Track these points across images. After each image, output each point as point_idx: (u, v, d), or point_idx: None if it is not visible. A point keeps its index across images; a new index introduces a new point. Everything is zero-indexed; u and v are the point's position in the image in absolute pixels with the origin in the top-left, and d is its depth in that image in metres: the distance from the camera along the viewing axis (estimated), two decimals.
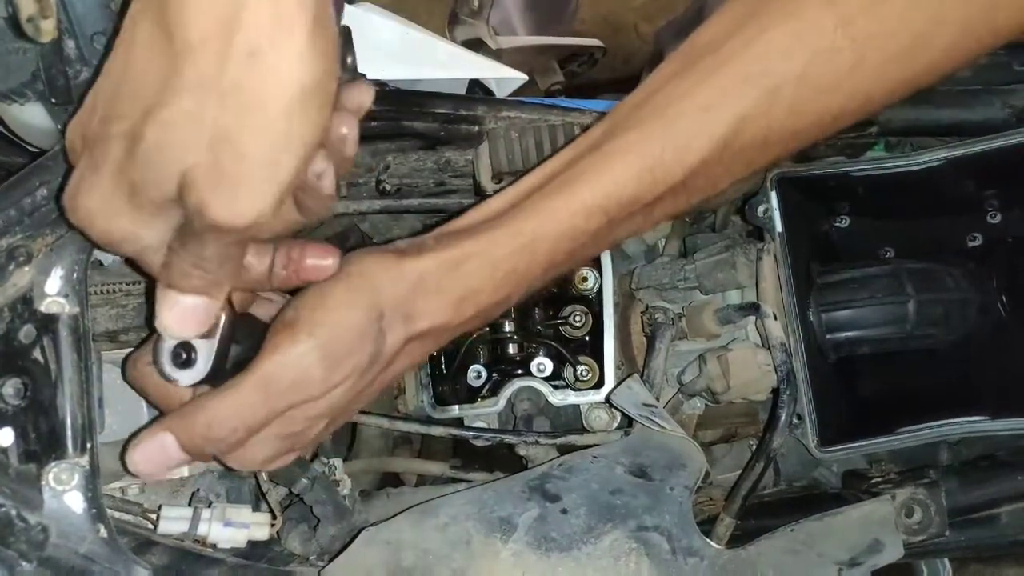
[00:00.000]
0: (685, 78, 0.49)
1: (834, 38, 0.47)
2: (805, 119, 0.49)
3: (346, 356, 0.46)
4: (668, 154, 0.48)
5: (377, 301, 0.47)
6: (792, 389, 0.67)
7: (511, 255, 0.49)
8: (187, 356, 0.47)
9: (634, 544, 0.61)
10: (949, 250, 0.76)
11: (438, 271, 0.48)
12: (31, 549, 0.48)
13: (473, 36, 1.16)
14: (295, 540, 0.63)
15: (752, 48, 0.48)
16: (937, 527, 0.67)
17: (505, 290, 0.50)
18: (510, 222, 0.49)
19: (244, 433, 0.46)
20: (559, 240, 0.49)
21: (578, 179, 0.49)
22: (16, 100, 0.54)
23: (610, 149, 0.49)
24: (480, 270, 0.48)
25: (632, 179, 0.49)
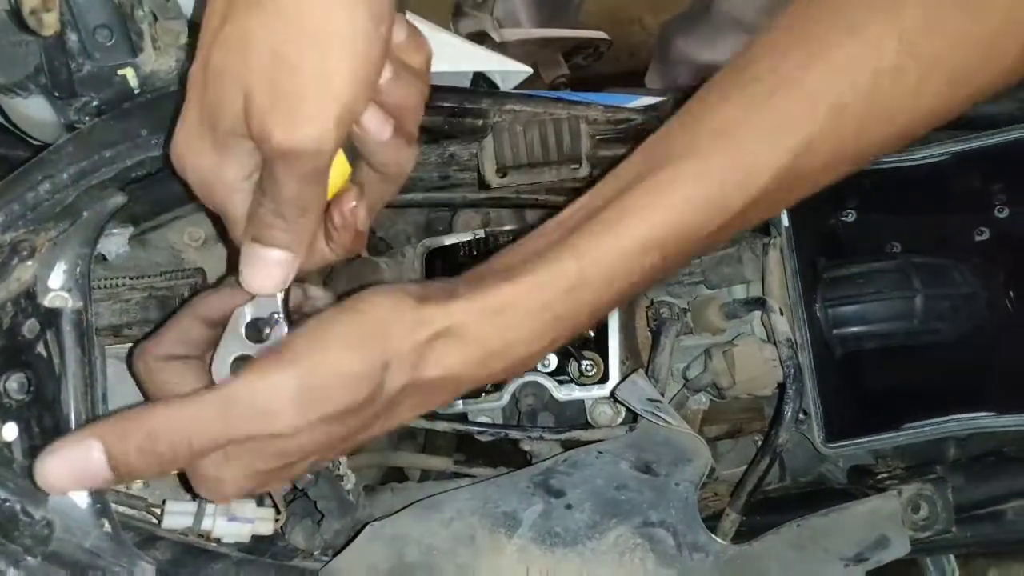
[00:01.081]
0: (742, 100, 0.45)
1: (898, 57, 0.44)
2: (870, 139, 0.46)
3: (325, 400, 0.41)
4: (729, 185, 0.44)
5: (384, 346, 0.42)
6: (798, 384, 0.66)
7: (553, 302, 0.44)
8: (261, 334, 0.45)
9: (639, 540, 0.61)
10: (956, 245, 0.76)
11: (470, 319, 0.43)
12: (36, 544, 0.48)
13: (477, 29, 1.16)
14: (299, 535, 0.63)
15: (815, 66, 0.44)
16: (943, 523, 0.67)
17: (545, 340, 0.45)
18: (553, 263, 0.44)
19: (187, 453, 0.41)
20: (610, 281, 0.44)
21: (629, 213, 0.44)
22: (19, 93, 0.54)
23: (664, 179, 0.45)
24: (519, 321, 0.44)
25: (690, 211, 0.44)
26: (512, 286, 0.44)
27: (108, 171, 0.52)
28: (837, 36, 0.45)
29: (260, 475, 0.44)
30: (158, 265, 0.62)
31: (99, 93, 0.54)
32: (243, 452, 0.42)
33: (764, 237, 0.73)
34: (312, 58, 0.39)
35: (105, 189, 0.53)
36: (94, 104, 0.54)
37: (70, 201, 0.51)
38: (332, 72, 0.39)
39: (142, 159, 0.53)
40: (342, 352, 0.42)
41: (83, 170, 0.52)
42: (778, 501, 0.75)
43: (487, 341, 0.44)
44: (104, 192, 0.53)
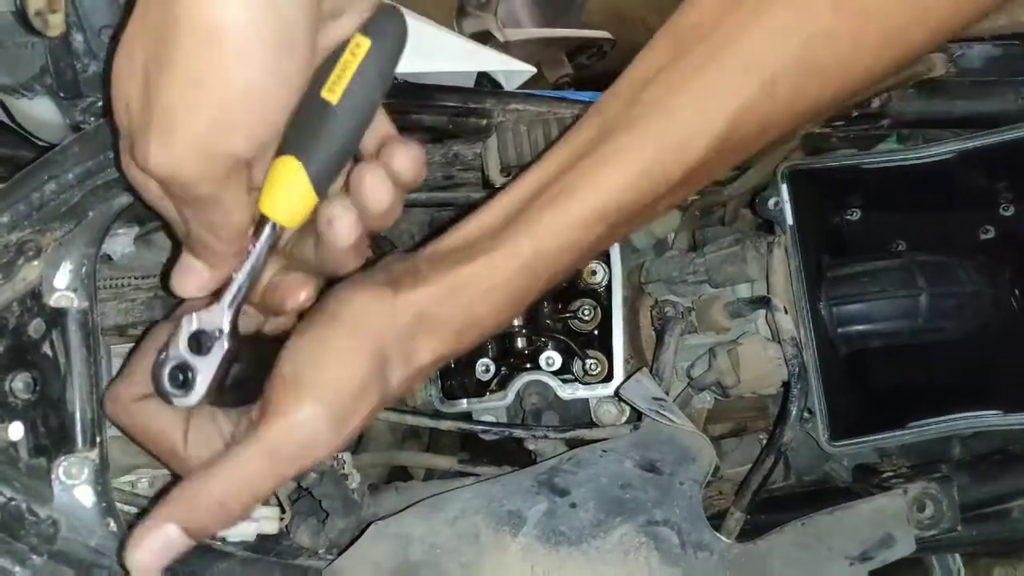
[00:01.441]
0: (677, 69, 0.46)
1: (830, 20, 0.44)
2: (804, 103, 0.47)
3: (353, 412, 0.44)
4: (667, 155, 0.46)
5: (380, 346, 0.44)
6: (803, 383, 0.66)
7: (511, 277, 0.46)
8: (184, 377, 0.45)
9: (643, 538, 0.61)
10: (961, 243, 0.76)
11: (437, 303, 0.45)
12: (41, 543, 0.48)
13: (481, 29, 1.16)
14: (304, 534, 0.63)
15: (746, 34, 0.45)
16: (949, 522, 0.67)
17: (507, 311, 0.47)
18: (507, 241, 0.46)
19: (253, 503, 0.44)
20: (560, 254, 0.47)
21: (575, 188, 0.46)
22: (24, 94, 0.54)
23: (605, 153, 0.46)
24: (482, 298, 0.46)
25: (631, 184, 0.46)
26: (471, 266, 0.46)
27: (113, 171, 0.52)
28: (769, 2, 0.45)
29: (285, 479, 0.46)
30: (163, 265, 0.62)
31: (104, 93, 0.54)
32: (288, 475, 0.45)
33: (768, 236, 0.73)
34: (174, 84, 0.37)
35: (110, 189, 0.53)
36: (99, 104, 0.54)
37: (76, 201, 0.52)
38: (191, 103, 0.37)
39: None
40: (349, 365, 0.44)
41: (88, 170, 0.52)
42: (783, 500, 0.75)
43: (455, 320, 0.46)
44: (109, 192, 0.53)
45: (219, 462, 0.44)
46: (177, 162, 0.38)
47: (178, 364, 0.45)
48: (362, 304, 0.45)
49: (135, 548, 0.43)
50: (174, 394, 0.45)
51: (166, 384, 0.45)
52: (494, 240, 0.46)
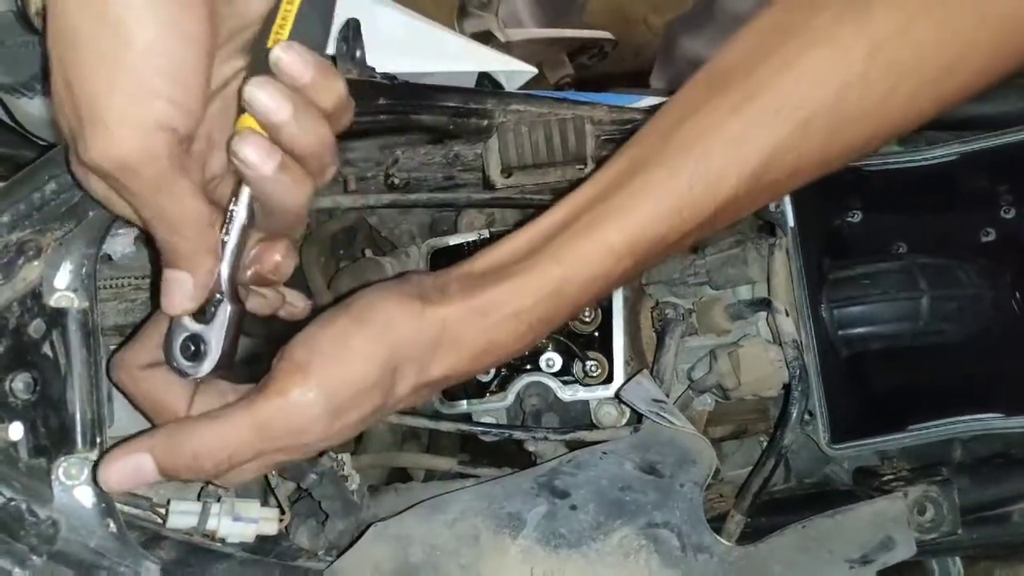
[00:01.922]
0: (714, 109, 0.47)
1: (866, 67, 0.45)
2: (836, 148, 0.48)
3: (353, 408, 0.45)
4: (698, 191, 0.46)
5: (396, 355, 0.46)
6: (803, 385, 0.66)
7: (538, 304, 0.47)
8: (196, 348, 0.47)
9: (643, 541, 0.61)
10: (963, 245, 0.76)
11: (462, 323, 0.46)
12: (41, 543, 0.48)
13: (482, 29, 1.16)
14: (304, 535, 0.63)
15: (782, 78, 0.46)
16: (949, 525, 0.67)
17: (529, 338, 0.48)
18: (535, 267, 0.47)
19: (228, 467, 0.45)
20: (587, 283, 0.47)
21: (605, 220, 0.47)
22: (25, 93, 0.54)
23: (637, 187, 0.47)
24: (506, 322, 0.47)
25: (661, 219, 0.47)
26: (498, 289, 0.46)
27: None
28: (807, 47, 0.46)
29: (275, 466, 0.48)
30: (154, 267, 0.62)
31: None
32: (272, 457, 0.46)
33: (770, 238, 0.73)
34: (89, 61, 0.38)
35: None
36: None
37: (76, 201, 0.51)
38: (111, 76, 0.38)
39: None
40: (362, 364, 0.45)
41: None
42: (783, 502, 0.75)
43: (476, 342, 0.47)
44: None
45: (210, 417, 0.45)
46: (113, 147, 0.39)
47: (188, 336, 0.47)
48: (389, 311, 0.46)
49: (109, 466, 0.46)
50: (187, 366, 0.47)
51: (178, 356, 0.47)
52: (523, 265, 0.47)
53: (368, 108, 0.65)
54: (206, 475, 0.46)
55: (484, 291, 0.46)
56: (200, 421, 0.46)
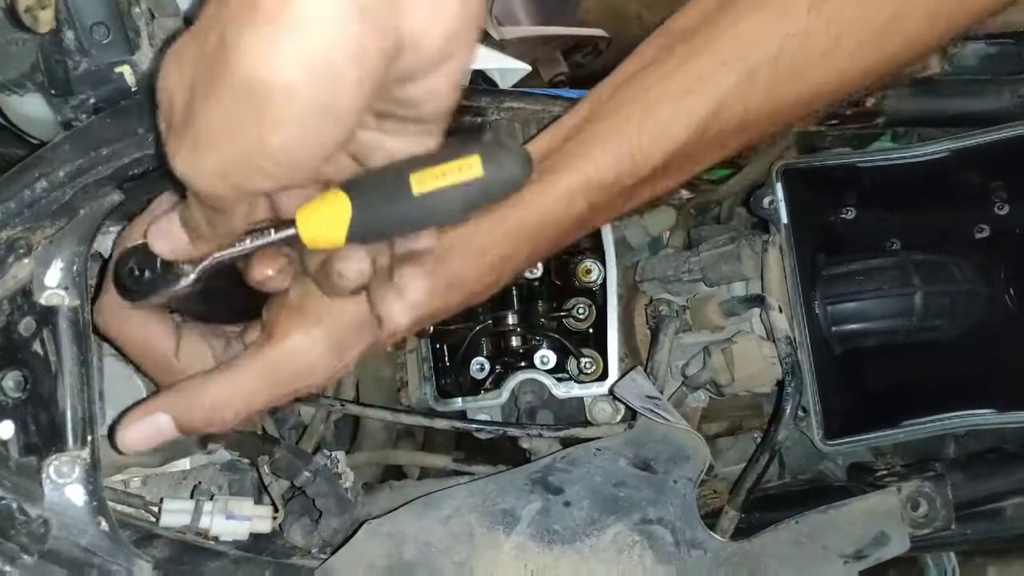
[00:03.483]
0: (662, 64, 0.50)
1: (808, 20, 0.47)
2: (781, 101, 0.50)
3: (351, 345, 0.47)
4: (646, 139, 0.49)
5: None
6: (797, 382, 0.66)
7: (495, 243, 0.49)
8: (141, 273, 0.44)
9: (637, 537, 0.61)
10: (956, 242, 0.76)
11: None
12: (32, 542, 0.48)
13: None
14: (297, 533, 0.63)
15: (727, 33, 0.49)
16: (943, 520, 0.67)
17: (490, 277, 0.50)
18: (495, 209, 0.49)
19: (246, 414, 0.47)
20: (542, 227, 0.50)
21: (559, 166, 0.49)
22: (15, 91, 0.54)
23: (589, 135, 0.50)
24: (465, 259, 0.49)
25: (612, 164, 0.49)
26: (456, 231, 0.48)
27: (105, 169, 0.52)
28: (753, 6, 0.49)
29: (288, 400, 0.49)
30: None
31: (96, 91, 0.54)
32: (286, 397, 0.48)
33: (763, 234, 0.73)
34: (220, 114, 0.35)
35: (102, 187, 0.52)
36: (91, 102, 0.54)
37: (67, 199, 0.51)
38: (231, 139, 0.36)
39: (139, 157, 0.53)
40: (350, 303, 0.46)
41: (80, 168, 0.52)
42: (777, 498, 0.75)
43: (439, 278, 0.48)
44: (101, 190, 0.52)
45: (219, 370, 0.47)
46: (196, 175, 0.38)
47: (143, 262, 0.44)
48: None
49: (128, 427, 0.47)
50: (132, 289, 0.44)
51: (125, 277, 0.44)
52: None
53: None
54: (224, 425, 0.47)
55: (443, 232, 0.48)
56: (212, 376, 0.47)
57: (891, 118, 0.73)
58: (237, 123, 0.36)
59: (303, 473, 0.62)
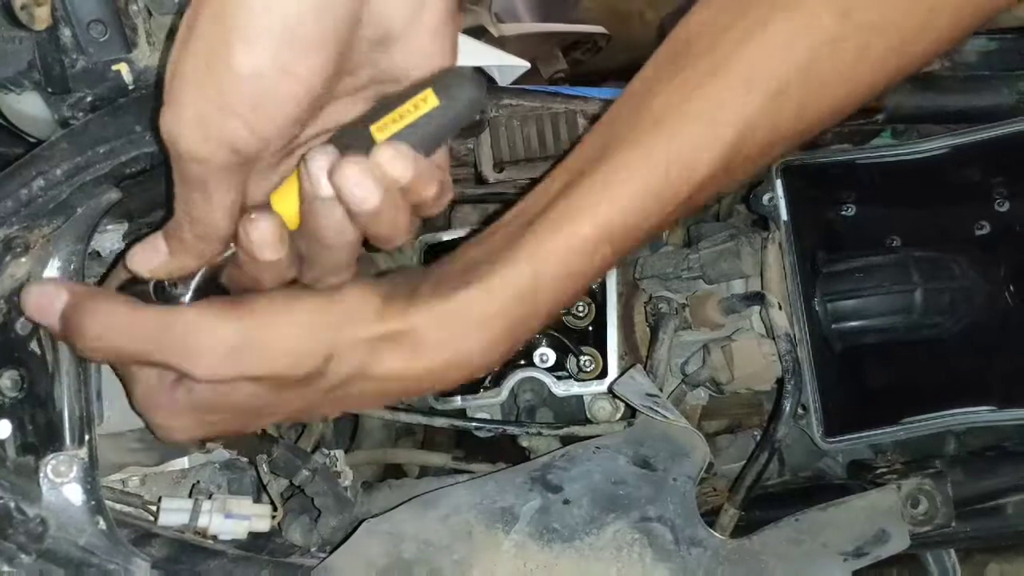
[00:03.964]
0: (682, 82, 0.45)
1: (835, 29, 0.43)
2: (811, 115, 0.46)
3: (254, 363, 0.42)
4: (673, 173, 0.44)
5: (334, 341, 0.43)
6: (797, 379, 0.66)
7: (508, 306, 0.43)
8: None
9: (637, 535, 0.61)
10: (956, 238, 0.76)
11: (427, 328, 0.43)
12: (30, 541, 0.47)
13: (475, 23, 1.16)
14: (296, 532, 0.63)
15: (750, 45, 0.44)
16: (943, 518, 0.67)
17: (500, 346, 0.44)
18: (505, 266, 0.43)
19: (115, 354, 0.44)
20: (562, 280, 0.44)
21: (577, 210, 0.44)
22: (12, 89, 0.54)
23: (608, 171, 0.44)
24: (473, 328, 0.43)
25: (636, 205, 0.44)
26: (467, 291, 0.43)
27: (102, 167, 0.52)
28: (773, 12, 0.44)
29: (195, 421, 0.45)
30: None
31: (93, 89, 0.53)
32: (174, 392, 0.44)
33: (763, 232, 0.73)
34: (196, 55, 0.37)
35: (99, 185, 0.52)
36: (88, 100, 0.54)
37: (64, 197, 0.51)
38: (205, 80, 0.37)
39: (136, 155, 0.53)
40: (291, 328, 0.42)
41: (77, 166, 0.52)
42: (777, 496, 0.75)
43: (441, 350, 0.44)
44: (98, 188, 0.52)
45: (131, 303, 0.44)
46: (177, 131, 0.38)
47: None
48: (349, 297, 0.44)
49: (32, 288, 0.46)
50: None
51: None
52: (493, 265, 0.44)
53: None
54: (93, 347, 0.44)
55: (454, 294, 0.43)
56: (120, 299, 0.44)
57: (891, 115, 0.73)
58: (212, 57, 0.37)
59: (302, 472, 0.62)
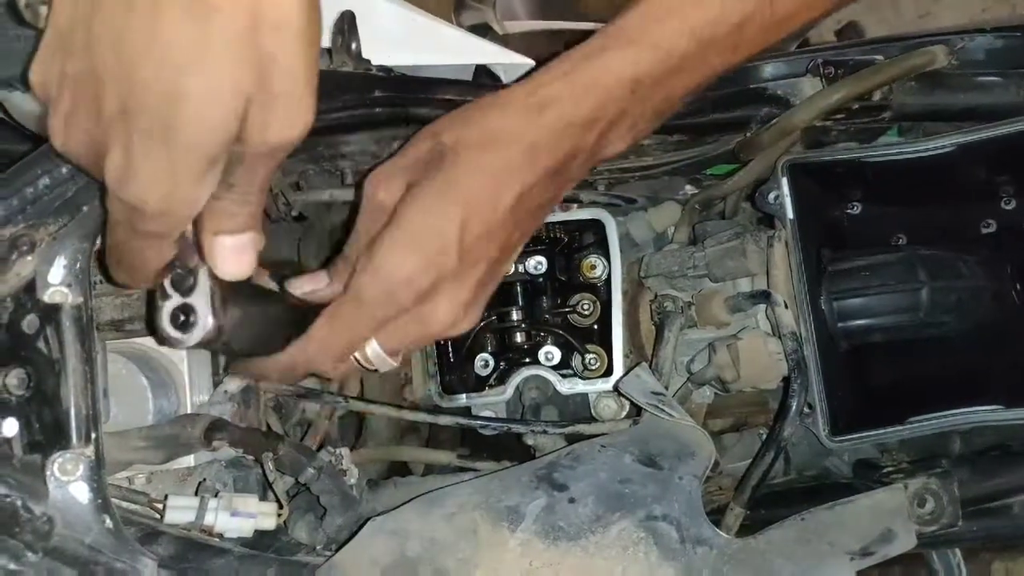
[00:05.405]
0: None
1: None
2: None
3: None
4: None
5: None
6: (803, 378, 0.66)
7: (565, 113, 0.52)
8: (185, 318, 0.46)
9: (642, 533, 0.61)
10: (963, 237, 0.75)
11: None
12: (36, 539, 0.48)
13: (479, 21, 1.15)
14: (302, 530, 0.63)
15: None
16: (949, 517, 0.66)
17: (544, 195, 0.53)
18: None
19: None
20: (630, 86, 0.52)
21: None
22: (17, 87, 0.54)
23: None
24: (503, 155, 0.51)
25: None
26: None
27: None
28: None
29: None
30: None
31: None
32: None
33: (769, 230, 0.73)
34: (298, 58, 0.40)
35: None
36: None
37: (70, 196, 0.51)
38: (312, 68, 0.40)
39: None
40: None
41: None
42: (783, 495, 0.75)
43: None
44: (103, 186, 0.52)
45: None
46: (311, 112, 0.41)
47: (176, 307, 0.45)
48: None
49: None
50: (176, 336, 0.46)
51: (167, 327, 0.46)
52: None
53: (364, 101, 0.65)
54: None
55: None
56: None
57: (897, 113, 0.73)
58: (308, 34, 0.40)
59: (308, 470, 0.62)
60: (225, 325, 0.46)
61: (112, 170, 0.41)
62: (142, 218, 0.42)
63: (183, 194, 0.41)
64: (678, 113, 0.72)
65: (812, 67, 0.71)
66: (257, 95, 0.39)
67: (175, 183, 0.40)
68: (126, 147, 0.40)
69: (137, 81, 0.38)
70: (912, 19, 2.00)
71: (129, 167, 0.40)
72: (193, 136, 0.39)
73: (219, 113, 0.39)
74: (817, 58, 0.71)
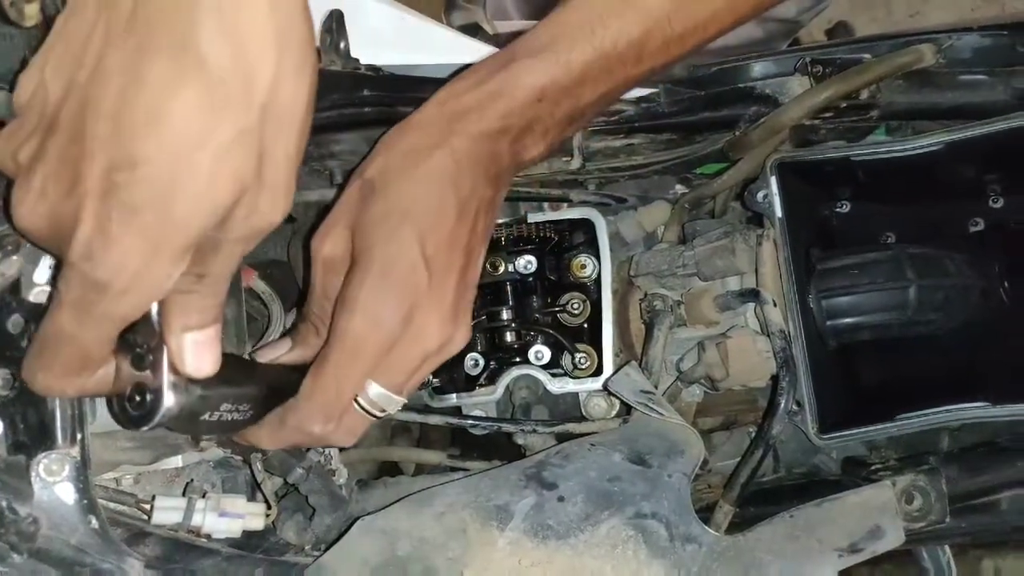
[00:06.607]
0: None
1: None
2: None
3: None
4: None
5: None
6: (791, 376, 0.66)
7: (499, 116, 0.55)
8: (142, 398, 0.44)
9: (631, 531, 0.61)
10: (951, 235, 0.76)
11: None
12: (22, 541, 0.47)
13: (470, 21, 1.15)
14: (291, 530, 0.62)
15: None
16: (937, 514, 0.67)
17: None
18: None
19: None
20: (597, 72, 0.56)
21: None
22: (3, 87, 0.53)
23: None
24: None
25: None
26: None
27: None
28: None
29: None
30: None
31: None
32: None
33: (758, 229, 0.73)
34: (288, 145, 0.41)
35: None
36: None
37: None
38: (294, 155, 0.42)
39: None
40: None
41: None
42: (772, 492, 0.75)
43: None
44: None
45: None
46: (291, 196, 0.43)
47: (134, 385, 0.44)
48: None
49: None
50: (135, 416, 0.44)
51: (124, 406, 0.45)
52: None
53: (352, 100, 0.64)
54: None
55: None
56: None
57: (885, 111, 0.73)
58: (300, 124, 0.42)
59: (296, 470, 0.62)
60: (188, 404, 0.45)
61: (80, 244, 0.39)
62: (103, 297, 0.40)
63: (156, 273, 0.40)
64: (667, 112, 0.72)
65: (800, 66, 0.72)
66: (252, 183, 0.40)
67: (151, 261, 0.39)
68: (101, 221, 0.38)
69: (135, 155, 0.37)
70: (903, 18, 2.01)
71: (102, 242, 0.39)
72: (185, 216, 0.39)
73: (218, 197, 0.39)
74: (805, 57, 0.72)
